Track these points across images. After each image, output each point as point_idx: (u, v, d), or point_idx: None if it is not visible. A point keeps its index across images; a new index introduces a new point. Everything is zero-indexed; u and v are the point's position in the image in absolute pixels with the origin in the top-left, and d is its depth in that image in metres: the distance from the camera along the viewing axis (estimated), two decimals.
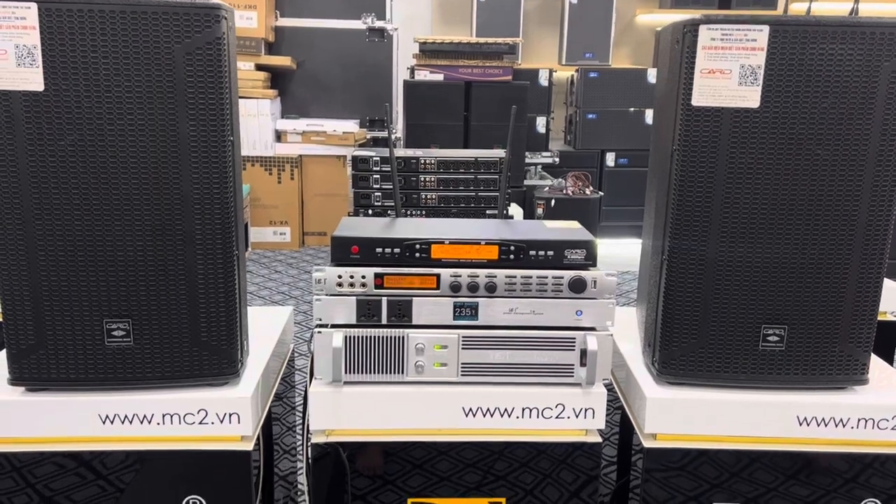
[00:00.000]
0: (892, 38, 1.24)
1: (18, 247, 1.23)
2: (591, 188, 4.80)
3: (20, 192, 1.21)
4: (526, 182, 4.81)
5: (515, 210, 3.03)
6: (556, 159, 5.06)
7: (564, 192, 4.70)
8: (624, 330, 1.66)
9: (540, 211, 4.54)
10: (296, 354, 1.84)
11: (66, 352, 1.28)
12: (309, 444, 1.36)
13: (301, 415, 1.60)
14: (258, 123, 5.06)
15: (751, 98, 1.28)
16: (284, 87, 5.57)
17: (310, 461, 1.37)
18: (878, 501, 1.39)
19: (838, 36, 1.25)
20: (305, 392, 1.38)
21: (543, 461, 1.37)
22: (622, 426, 1.57)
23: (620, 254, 4.24)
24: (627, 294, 4.19)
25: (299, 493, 2.00)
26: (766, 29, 1.25)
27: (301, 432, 1.53)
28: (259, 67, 5.21)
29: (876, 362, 1.51)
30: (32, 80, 1.18)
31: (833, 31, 1.25)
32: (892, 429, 1.36)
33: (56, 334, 1.27)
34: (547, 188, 4.77)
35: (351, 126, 5.22)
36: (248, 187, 5.06)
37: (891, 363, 1.57)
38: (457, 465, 1.37)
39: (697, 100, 1.28)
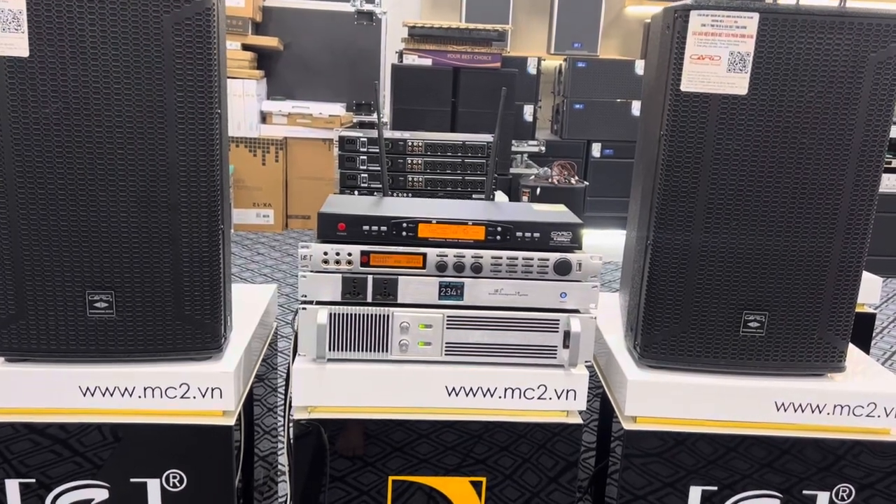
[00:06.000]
0: (878, 29, 1.26)
1: None
2: (577, 178, 4.82)
3: (2, 160, 1.20)
4: (512, 170, 4.81)
5: (501, 197, 3.03)
6: (543, 148, 5.06)
7: (550, 181, 4.71)
8: (606, 315, 1.67)
9: (525, 199, 4.55)
10: (278, 336, 1.84)
11: (48, 323, 1.26)
12: (290, 420, 1.36)
13: (282, 395, 1.59)
14: (243, 104, 5.01)
15: (739, 85, 1.28)
16: (271, 68, 5.51)
17: (291, 440, 1.37)
18: (850, 486, 1.42)
19: (826, 26, 1.26)
20: (288, 370, 1.38)
21: (524, 441, 1.38)
22: (602, 413, 1.59)
23: (604, 244, 4.25)
24: (610, 284, 4.22)
25: (279, 473, 2.01)
26: (755, 16, 1.26)
27: (282, 413, 1.52)
28: (245, 47, 5.16)
29: (853, 351, 1.54)
30: (17, 45, 1.16)
31: (822, 20, 1.26)
32: (867, 416, 1.39)
33: (37, 305, 1.26)
34: (532, 177, 4.78)
35: (337, 109, 5.19)
36: (231, 168, 5.02)
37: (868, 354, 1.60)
38: (438, 446, 1.37)
39: (686, 85, 1.29)
